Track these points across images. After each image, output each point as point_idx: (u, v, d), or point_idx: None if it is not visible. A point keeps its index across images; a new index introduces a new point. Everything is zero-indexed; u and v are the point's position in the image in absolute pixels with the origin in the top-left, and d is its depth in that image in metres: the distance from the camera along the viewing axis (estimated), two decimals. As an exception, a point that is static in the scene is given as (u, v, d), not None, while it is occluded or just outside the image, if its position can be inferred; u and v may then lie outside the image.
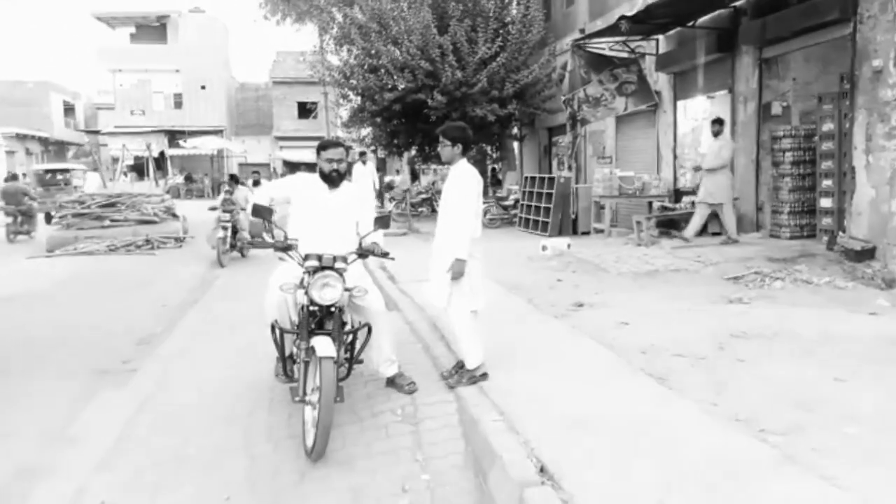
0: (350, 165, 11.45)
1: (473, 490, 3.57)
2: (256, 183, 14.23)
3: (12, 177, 19.28)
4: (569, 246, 10.84)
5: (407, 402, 4.59)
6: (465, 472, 3.74)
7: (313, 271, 4.11)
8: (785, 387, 4.30)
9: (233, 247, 12.24)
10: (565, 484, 3.10)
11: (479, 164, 19.59)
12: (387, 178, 27.44)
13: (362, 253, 4.42)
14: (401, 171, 30.49)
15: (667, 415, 3.91)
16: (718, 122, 10.35)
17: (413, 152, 20.52)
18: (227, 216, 12.06)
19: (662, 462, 3.28)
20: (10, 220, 17.22)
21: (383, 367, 4.73)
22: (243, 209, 12.15)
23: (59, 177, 25.47)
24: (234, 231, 12.34)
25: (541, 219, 14.50)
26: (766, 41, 10.40)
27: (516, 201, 16.99)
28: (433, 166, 25.90)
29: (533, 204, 15.06)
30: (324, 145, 4.70)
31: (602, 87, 12.99)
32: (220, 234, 11.81)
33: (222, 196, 12.78)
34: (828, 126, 9.65)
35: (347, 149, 5.09)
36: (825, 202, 9.87)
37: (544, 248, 10.59)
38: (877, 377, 4.46)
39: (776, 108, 10.86)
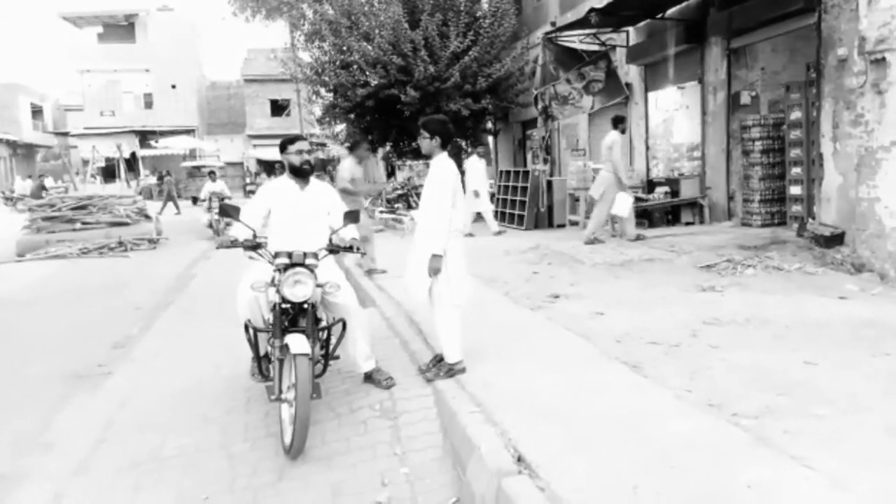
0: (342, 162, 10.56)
1: (452, 482, 3.59)
2: None
3: None
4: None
5: (385, 396, 4.60)
6: (444, 465, 3.76)
7: (284, 269, 4.10)
8: (757, 372, 4.37)
9: None
10: (542, 472, 3.13)
11: (455, 158, 19.57)
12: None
13: (333, 249, 4.41)
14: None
15: (641, 402, 3.95)
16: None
17: (388, 148, 20.47)
18: None
19: (637, 448, 3.32)
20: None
21: (360, 362, 4.74)
22: None
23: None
24: None
25: (516, 212, 14.56)
26: (733, 32, 10.53)
27: (492, 195, 17.00)
28: (409, 162, 25.84)
29: (508, 198, 15.11)
30: (290, 139, 4.68)
31: (570, 85, 13.08)
32: None
33: None
34: (796, 114, 9.80)
35: (322, 145, 5.09)
36: (795, 189, 10.02)
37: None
38: (846, 360, 4.55)
39: (745, 98, 11.00)
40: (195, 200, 27.65)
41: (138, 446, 4.26)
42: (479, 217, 13.71)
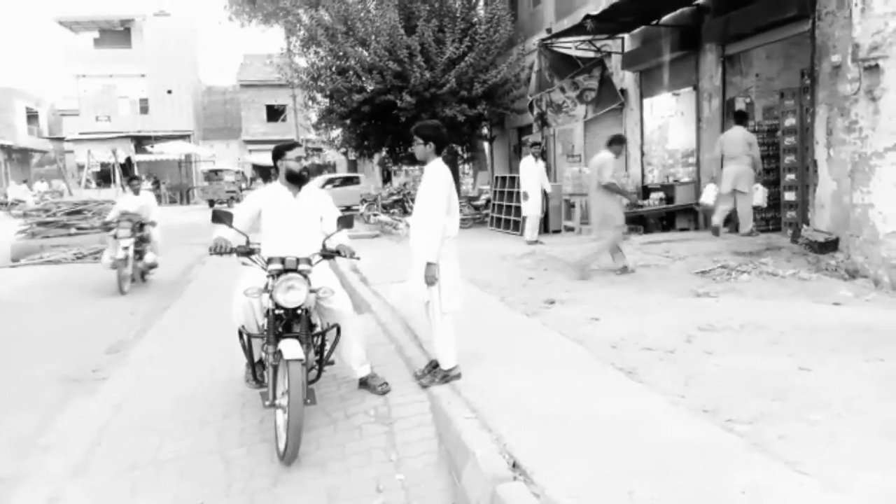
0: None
1: (447, 488, 3.59)
2: None
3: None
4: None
5: (380, 402, 4.60)
6: (439, 470, 3.76)
7: (277, 274, 4.09)
8: (751, 377, 4.39)
9: None
10: (537, 478, 3.13)
11: (451, 164, 19.61)
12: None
13: (327, 254, 4.40)
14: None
15: (636, 407, 3.96)
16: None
17: (384, 153, 20.49)
18: None
19: (632, 453, 3.33)
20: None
21: (355, 368, 4.73)
22: None
23: None
24: None
25: (512, 218, 14.57)
26: (728, 38, 10.56)
27: (488, 201, 17.05)
28: (405, 167, 25.85)
29: (504, 203, 15.13)
30: (288, 146, 4.69)
31: (564, 94, 13.13)
32: None
33: None
34: (790, 121, 9.84)
35: (318, 150, 5.12)
36: (789, 196, 10.05)
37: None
38: (840, 365, 4.57)
39: (740, 104, 11.03)
40: (212, 203, 28.90)
41: (135, 449, 4.26)
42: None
